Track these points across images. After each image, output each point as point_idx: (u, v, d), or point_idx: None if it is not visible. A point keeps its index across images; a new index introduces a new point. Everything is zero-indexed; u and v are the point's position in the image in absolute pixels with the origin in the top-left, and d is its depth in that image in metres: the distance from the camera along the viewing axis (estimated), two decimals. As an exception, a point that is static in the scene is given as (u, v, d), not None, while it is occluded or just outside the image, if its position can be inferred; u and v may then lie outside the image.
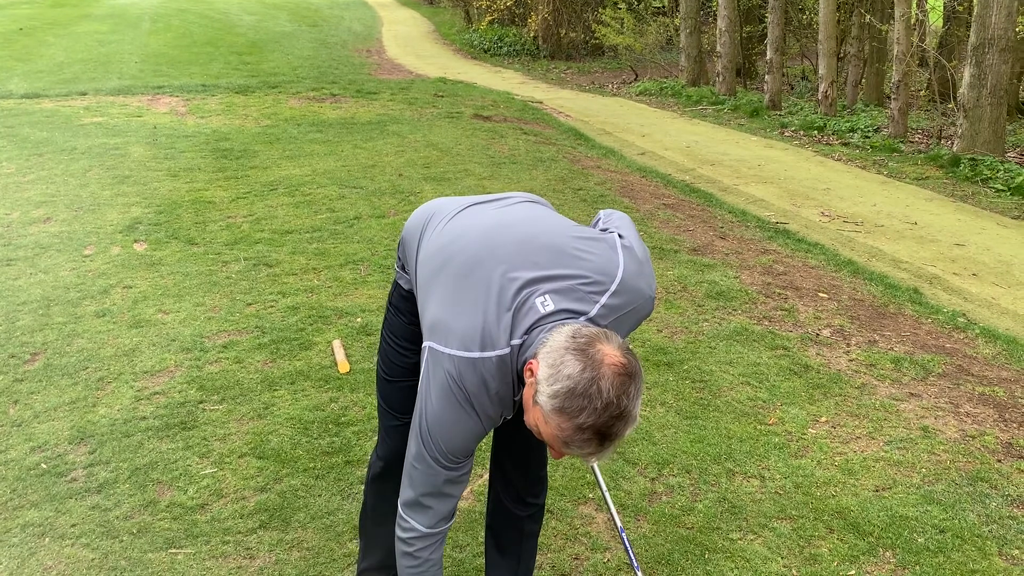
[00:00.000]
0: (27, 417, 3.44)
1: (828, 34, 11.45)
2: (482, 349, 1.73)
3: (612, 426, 1.59)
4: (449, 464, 1.83)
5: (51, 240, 5.41)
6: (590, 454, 1.64)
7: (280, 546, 2.74)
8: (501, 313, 1.74)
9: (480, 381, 1.74)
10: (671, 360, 4.08)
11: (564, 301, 1.75)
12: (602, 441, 1.61)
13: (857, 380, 3.98)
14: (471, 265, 1.83)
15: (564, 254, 1.82)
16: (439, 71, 15.42)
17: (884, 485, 3.17)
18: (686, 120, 11.97)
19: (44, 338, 4.10)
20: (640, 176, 8.02)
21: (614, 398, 1.57)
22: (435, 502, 1.88)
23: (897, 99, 10.22)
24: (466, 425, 1.79)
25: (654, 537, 2.84)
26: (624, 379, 1.59)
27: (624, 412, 1.59)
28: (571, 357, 1.59)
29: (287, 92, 11.30)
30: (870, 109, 12.10)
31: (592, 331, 1.64)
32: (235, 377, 3.77)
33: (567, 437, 1.61)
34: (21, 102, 10.10)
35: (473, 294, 1.78)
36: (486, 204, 2.04)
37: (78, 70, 13.51)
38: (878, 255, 6.09)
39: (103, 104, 10.09)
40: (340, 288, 4.78)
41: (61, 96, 10.57)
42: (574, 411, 1.58)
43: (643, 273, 1.88)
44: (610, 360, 1.59)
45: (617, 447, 1.68)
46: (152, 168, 7.20)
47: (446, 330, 1.77)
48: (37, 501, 2.93)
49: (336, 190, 6.65)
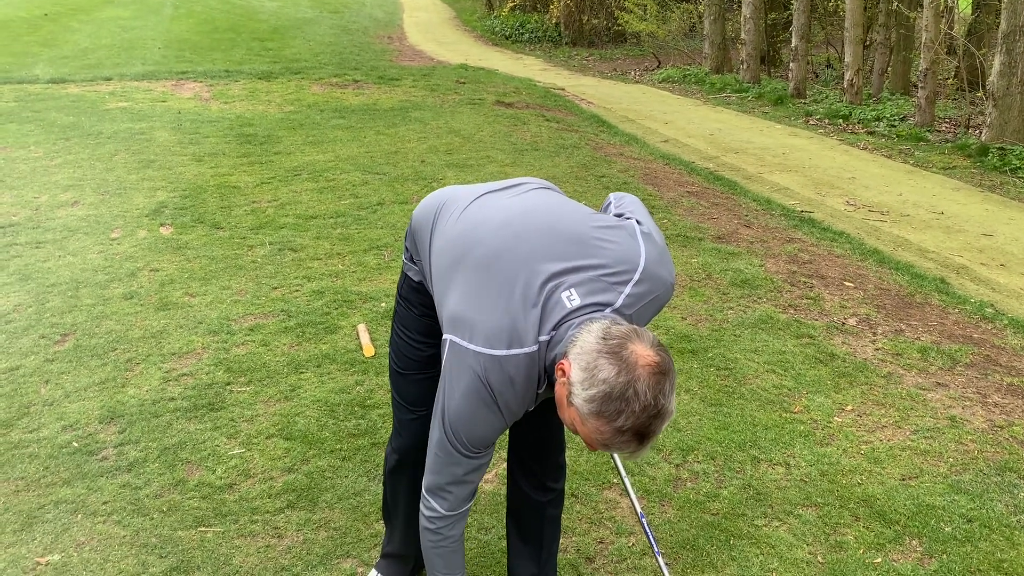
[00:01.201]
0: (58, 397, 3.49)
1: (855, 21, 11.32)
2: (509, 347, 1.71)
3: (650, 425, 1.59)
4: (470, 453, 1.84)
5: (79, 223, 5.46)
6: (631, 453, 1.64)
7: (308, 526, 2.77)
8: (528, 309, 1.72)
9: (506, 379, 1.73)
10: (696, 348, 4.07)
11: (589, 294, 1.73)
12: (641, 440, 1.61)
13: (883, 369, 3.95)
14: (491, 257, 1.80)
15: (586, 244, 1.80)
16: (460, 58, 15.40)
17: (911, 474, 3.15)
18: (710, 108, 11.89)
19: (74, 319, 4.15)
20: (663, 164, 7.98)
21: (652, 399, 1.57)
22: (455, 488, 1.90)
23: (924, 87, 10.10)
24: (489, 420, 1.79)
25: (679, 523, 2.85)
26: (659, 378, 1.58)
27: (662, 410, 1.59)
28: (604, 360, 1.58)
29: (310, 78, 11.32)
30: (896, 98, 11.96)
31: (622, 330, 1.63)
32: (262, 359, 3.81)
33: (607, 440, 1.61)
34: (48, 87, 10.19)
35: (496, 288, 1.75)
36: (500, 192, 2.00)
37: (102, 55, 13.60)
38: (904, 245, 6.04)
39: (128, 89, 10.16)
40: (364, 273, 4.80)
41: (86, 81, 10.65)
42: (612, 415, 1.57)
43: (663, 260, 1.87)
44: (644, 361, 1.58)
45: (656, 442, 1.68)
46: (177, 153, 7.25)
47: (470, 325, 1.75)
48: (69, 479, 2.98)
49: (359, 176, 6.67)
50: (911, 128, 10.01)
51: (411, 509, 2.30)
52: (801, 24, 12.37)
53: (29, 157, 6.99)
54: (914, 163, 8.69)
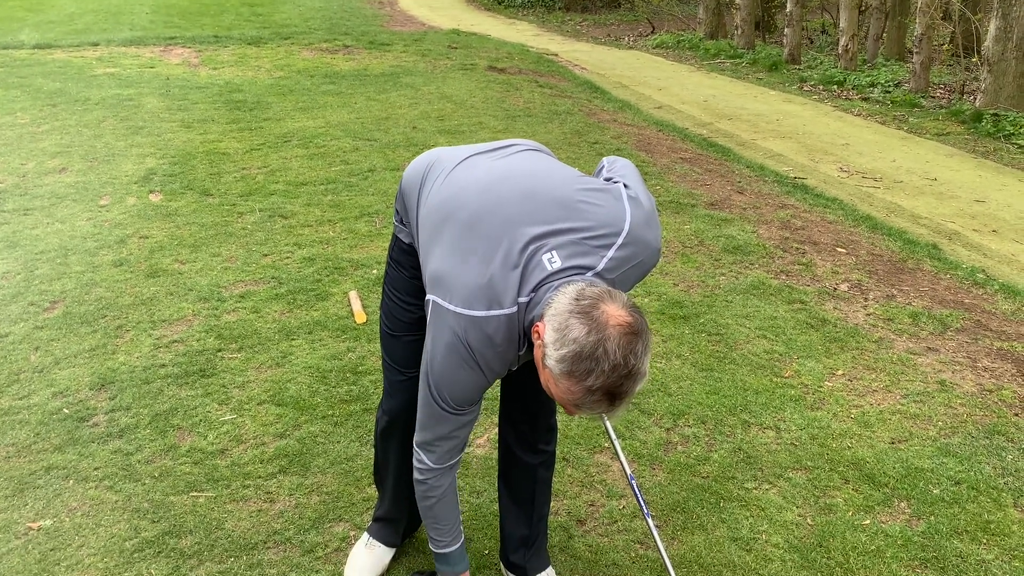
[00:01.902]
0: (48, 363, 3.48)
1: (850, -14, 11.21)
2: (488, 308, 1.71)
3: (621, 385, 1.58)
4: (454, 410, 1.85)
5: (67, 190, 5.41)
6: (602, 413, 1.65)
7: (300, 490, 2.77)
8: (507, 271, 1.71)
9: (485, 338, 1.73)
10: (687, 313, 4.07)
11: (571, 257, 1.72)
12: (612, 400, 1.60)
13: (874, 334, 3.96)
14: (474, 219, 1.79)
15: (570, 207, 1.79)
16: (452, 23, 15.23)
17: (900, 437, 3.17)
18: (704, 74, 11.80)
19: (63, 287, 4.12)
20: (657, 130, 7.93)
21: (621, 359, 1.56)
22: (442, 443, 1.92)
23: (919, 53, 10.04)
24: (470, 379, 1.80)
25: (669, 485, 2.86)
26: (631, 338, 1.57)
27: (633, 371, 1.58)
28: (575, 320, 1.58)
29: (299, 44, 11.19)
30: (891, 64, 11.89)
31: (596, 291, 1.62)
32: (253, 326, 3.79)
33: (577, 400, 1.61)
34: (33, 52, 10.05)
35: (478, 249, 1.75)
36: (487, 154, 1.99)
37: (89, 21, 13.40)
38: (897, 211, 6.03)
39: (115, 55, 10.03)
40: (355, 240, 4.78)
41: (73, 47, 10.50)
42: (582, 374, 1.57)
43: (650, 224, 1.84)
44: (615, 320, 1.57)
45: (629, 404, 1.68)
46: (166, 119, 7.17)
47: (449, 285, 1.75)
48: (60, 445, 2.97)
49: (350, 142, 6.61)
50: (905, 94, 9.97)
51: (401, 472, 2.30)
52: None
53: (15, 123, 6.91)
54: (908, 129, 8.65)
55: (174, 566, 2.46)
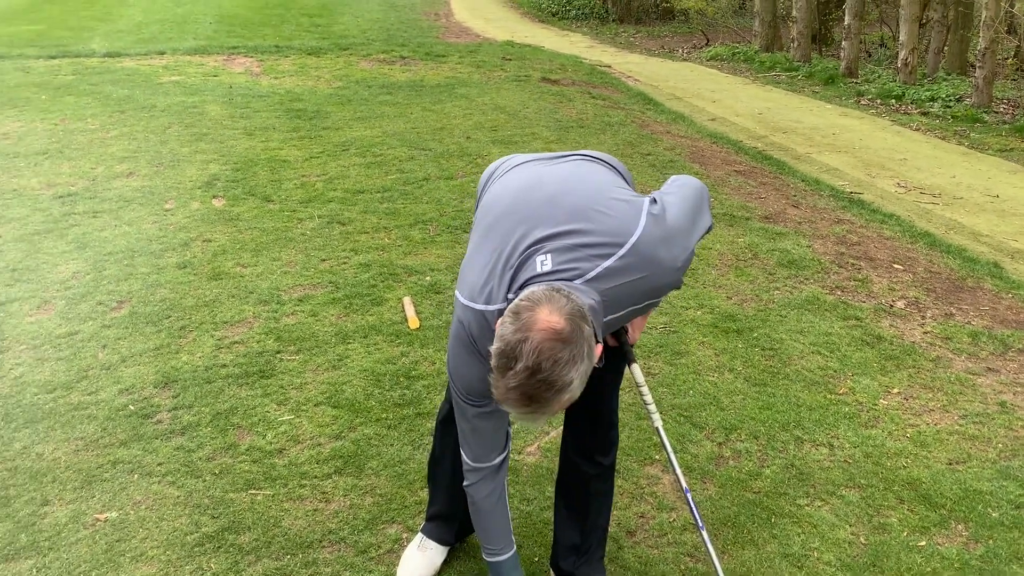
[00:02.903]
0: (115, 361, 3.60)
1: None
2: (486, 302, 1.79)
3: (538, 390, 1.58)
4: (467, 400, 1.93)
5: (134, 194, 5.59)
6: (522, 416, 1.65)
7: (354, 491, 2.83)
8: (505, 270, 1.78)
9: (485, 328, 1.79)
10: (740, 327, 4.05)
11: (564, 261, 1.74)
12: (528, 403, 1.60)
13: (932, 353, 3.90)
14: (497, 220, 1.87)
15: (582, 214, 1.80)
16: (507, 34, 15.34)
17: (958, 458, 3.12)
18: (758, 86, 11.71)
19: (129, 287, 4.26)
20: (711, 142, 7.90)
21: (534, 363, 1.56)
22: (471, 436, 1.99)
23: (983, 67, 9.83)
24: (475, 367, 1.85)
25: (720, 500, 2.86)
26: (553, 344, 1.57)
27: (550, 379, 1.57)
28: (508, 319, 1.62)
29: (358, 54, 11.38)
30: (952, 78, 11.66)
31: (541, 295, 1.63)
32: (310, 329, 3.88)
33: (499, 396, 1.63)
34: (103, 61, 10.38)
35: (490, 248, 1.83)
36: (539, 162, 2.06)
37: (156, 30, 13.81)
38: (956, 228, 5.92)
39: (181, 63, 10.32)
40: (410, 247, 4.85)
41: (141, 55, 10.83)
42: (502, 370, 1.60)
43: (668, 242, 1.80)
44: (542, 324, 1.58)
45: (552, 413, 1.66)
46: (228, 126, 7.36)
47: (463, 278, 1.87)
48: (126, 440, 3.08)
49: (406, 151, 6.71)
50: (967, 109, 9.77)
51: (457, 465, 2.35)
52: (855, 2, 12.10)
53: (86, 129, 7.16)
54: (969, 145, 8.48)
55: (232, 561, 2.53)
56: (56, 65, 9.97)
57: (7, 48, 11.34)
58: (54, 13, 15.97)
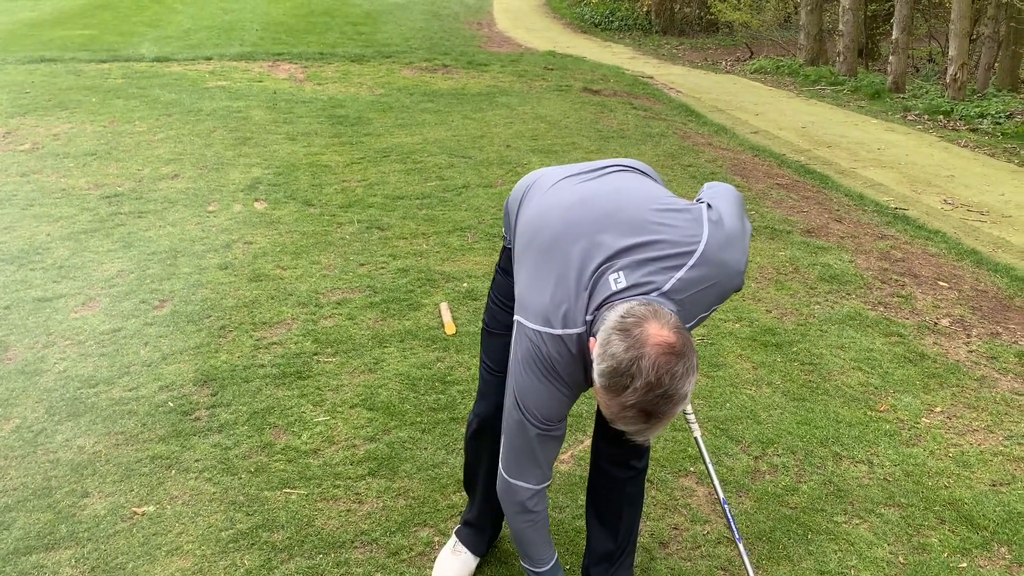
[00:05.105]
0: (156, 359, 3.66)
1: (962, 13, 10.86)
2: (564, 327, 1.78)
3: (657, 405, 1.59)
4: (540, 426, 1.90)
5: (178, 196, 5.69)
6: (636, 432, 1.65)
7: (387, 493, 2.84)
8: (580, 292, 1.77)
9: (562, 351, 1.80)
10: (780, 341, 4.00)
11: (637, 277, 1.75)
12: (647, 419, 1.61)
13: (976, 372, 3.82)
14: (552, 241, 1.86)
15: (643, 228, 1.81)
16: (549, 44, 15.38)
17: (1002, 480, 3.04)
18: (803, 100, 11.59)
19: (171, 287, 4.33)
20: (753, 155, 7.83)
21: (655, 377, 1.57)
22: (525, 456, 1.96)
23: (1034, 83, 9.62)
24: (552, 391, 1.85)
25: (756, 514, 2.82)
26: (669, 358, 1.58)
27: (668, 391, 1.59)
28: (616, 336, 1.61)
29: (400, 62, 11.49)
30: (1003, 94, 11.43)
31: (644, 310, 1.64)
32: (348, 332, 3.91)
33: (612, 414, 1.64)
34: (152, 65, 10.61)
35: (554, 272, 1.82)
36: (578, 176, 2.05)
37: (203, 36, 14.07)
38: (1004, 246, 5.79)
39: (227, 69, 10.50)
40: (447, 253, 4.87)
41: (188, 60, 11.04)
42: (618, 389, 1.60)
43: (730, 245, 1.83)
44: (655, 340, 1.59)
45: (665, 426, 1.68)
46: (272, 131, 7.46)
47: (529, 306, 1.85)
48: (164, 436, 3.12)
49: (446, 159, 6.75)
50: (1018, 126, 9.57)
51: (489, 480, 2.34)
52: (903, 16, 11.93)
53: (134, 131, 7.31)
54: (1019, 163, 8.30)
55: (265, 559, 2.55)
56: (106, 69, 10.21)
57: (60, 51, 11.64)
58: (106, 18, 16.36)
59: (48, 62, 10.59)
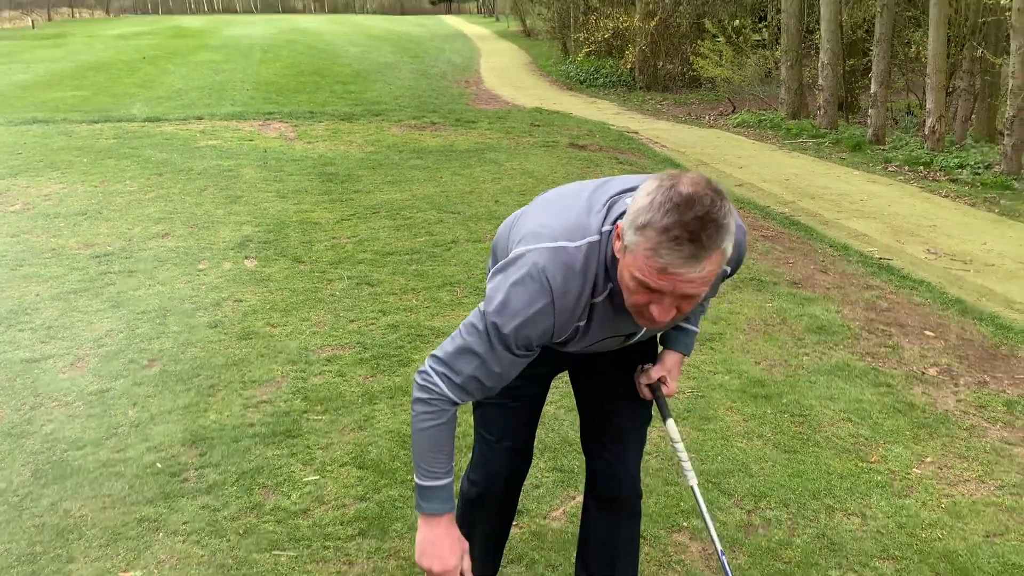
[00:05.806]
0: (144, 419, 3.64)
1: (937, 67, 11.13)
2: (570, 239, 1.75)
3: (702, 228, 1.52)
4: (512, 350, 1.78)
5: (168, 254, 5.71)
6: (684, 262, 1.54)
7: (378, 554, 2.81)
8: (593, 211, 1.80)
9: (565, 270, 1.73)
10: (769, 393, 4.01)
11: None
12: (694, 241, 1.52)
13: (966, 421, 3.83)
14: (556, 194, 1.97)
15: None
16: (535, 101, 15.63)
17: (995, 531, 3.03)
18: (785, 153, 11.79)
19: (160, 346, 4.32)
20: (738, 207, 7.89)
21: (693, 192, 1.54)
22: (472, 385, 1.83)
23: (1011, 135, 9.83)
24: (540, 322, 1.75)
25: (750, 569, 2.80)
26: (705, 183, 1.57)
27: (710, 213, 1.53)
28: (650, 184, 1.60)
29: (389, 120, 11.65)
30: (980, 145, 11.66)
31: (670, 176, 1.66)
32: (338, 389, 3.90)
33: (655, 246, 1.54)
34: (144, 125, 10.71)
35: (564, 206, 1.87)
36: None
37: (195, 96, 14.25)
38: (988, 295, 5.85)
39: (218, 128, 10.61)
40: (437, 308, 4.89)
41: (179, 120, 11.16)
42: (657, 217, 1.54)
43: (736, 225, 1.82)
44: (690, 179, 1.59)
45: (707, 262, 1.56)
46: (262, 189, 7.52)
47: (537, 233, 1.80)
48: (152, 498, 3.09)
49: (435, 214, 6.81)
50: (996, 176, 9.74)
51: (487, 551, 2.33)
52: (881, 70, 12.22)
53: (125, 191, 7.35)
54: (999, 212, 8.44)
55: (255, 623, 2.50)
56: (98, 129, 10.30)
57: (52, 113, 11.76)
58: (98, 80, 16.55)
59: (40, 123, 10.69)
